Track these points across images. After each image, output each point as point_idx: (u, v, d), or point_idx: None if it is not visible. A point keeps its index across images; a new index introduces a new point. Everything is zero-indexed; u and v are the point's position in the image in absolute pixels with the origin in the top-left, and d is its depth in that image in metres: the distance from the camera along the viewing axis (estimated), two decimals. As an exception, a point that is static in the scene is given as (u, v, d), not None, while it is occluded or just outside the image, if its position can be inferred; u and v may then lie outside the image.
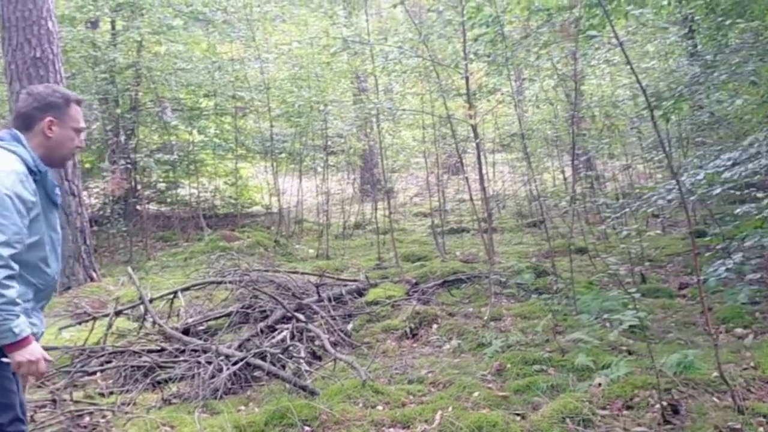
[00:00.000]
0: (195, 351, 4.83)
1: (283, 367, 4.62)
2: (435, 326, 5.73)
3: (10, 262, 2.43)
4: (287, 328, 5.10)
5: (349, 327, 5.69)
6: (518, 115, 7.75)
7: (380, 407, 3.98)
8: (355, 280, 7.23)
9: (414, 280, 7.19)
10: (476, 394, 4.05)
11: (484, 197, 7.02)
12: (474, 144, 7.48)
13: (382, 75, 9.42)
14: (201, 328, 5.63)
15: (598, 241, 8.77)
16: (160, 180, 12.67)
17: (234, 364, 4.49)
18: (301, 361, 4.66)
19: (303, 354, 4.75)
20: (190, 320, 5.59)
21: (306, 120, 10.80)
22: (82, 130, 2.87)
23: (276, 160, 11.99)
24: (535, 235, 10.64)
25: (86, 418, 4.03)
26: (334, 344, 5.23)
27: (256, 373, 4.66)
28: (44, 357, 2.54)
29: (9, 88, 8.00)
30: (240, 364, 4.49)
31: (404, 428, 3.68)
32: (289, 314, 5.38)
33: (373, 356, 5.11)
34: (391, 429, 3.68)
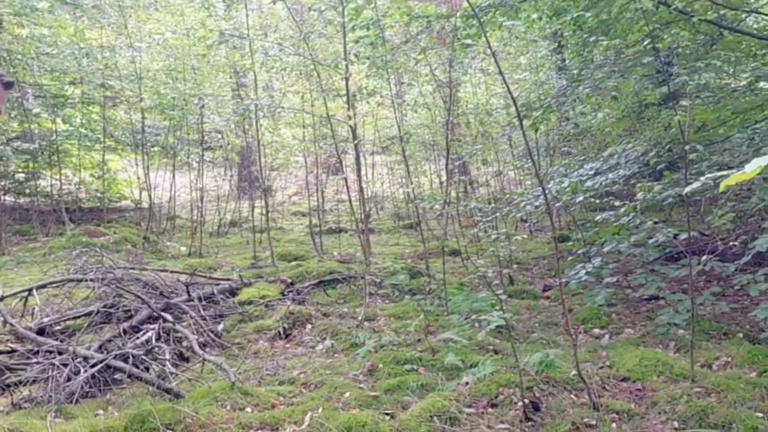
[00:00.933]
0: (50, 352, 4.51)
1: (147, 369, 4.41)
2: (309, 326, 5.69)
3: None
4: (153, 329, 4.88)
5: (220, 327, 5.53)
6: (397, 118, 7.85)
7: (249, 409, 3.88)
8: (228, 279, 7.05)
9: (289, 280, 7.11)
10: (347, 394, 4.04)
11: (361, 198, 7.05)
12: (353, 145, 7.51)
13: (261, 71, 9.26)
14: (58, 328, 5.28)
15: (470, 243, 9.05)
16: (19, 170, 11.82)
17: (92, 366, 4.23)
18: (166, 362, 4.47)
19: (168, 355, 4.56)
20: (45, 320, 5.22)
21: (181, 113, 10.43)
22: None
23: (148, 154, 11.49)
24: (411, 237, 10.84)
25: None
26: (203, 345, 5.06)
27: (118, 376, 4.42)
28: None
29: None
30: (99, 366, 4.23)
31: (273, 430, 3.61)
32: (155, 314, 5.15)
33: (243, 357, 4.99)
34: (259, 431, 3.59)
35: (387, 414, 3.76)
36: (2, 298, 5.45)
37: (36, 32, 10.62)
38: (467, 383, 4.14)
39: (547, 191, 7.03)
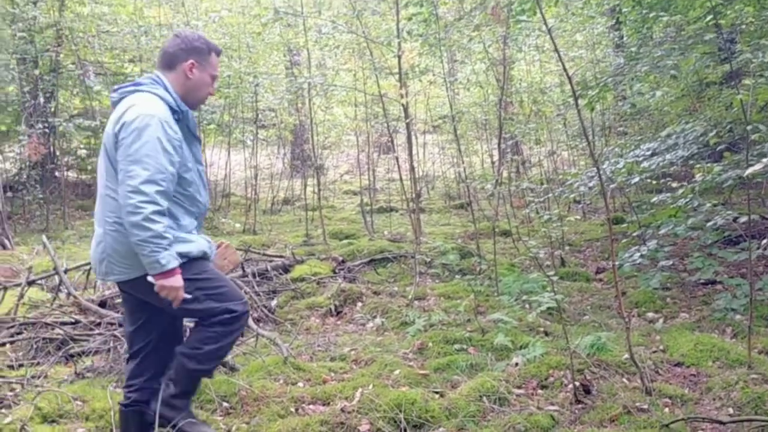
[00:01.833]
0: (111, 324, 4.69)
1: (204, 342, 4.54)
2: (360, 304, 5.76)
3: (156, 198, 2.65)
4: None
5: (273, 303, 5.64)
6: (449, 97, 7.80)
7: (301, 384, 3.98)
8: (281, 256, 7.17)
9: (341, 258, 7.19)
10: (397, 372, 4.09)
11: (412, 177, 7.06)
12: (405, 124, 7.50)
13: (314, 49, 9.30)
14: (119, 300, 5.46)
15: (521, 224, 8.98)
16: (81, 146, 12.19)
17: (152, 338, 4.37)
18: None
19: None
20: (107, 292, 5.41)
21: (236, 92, 10.57)
22: (216, 78, 3.10)
23: (204, 132, 11.71)
24: (461, 217, 10.81)
25: (-7, 392, 3.86)
26: (257, 320, 5.17)
27: (176, 348, 4.56)
28: (182, 288, 2.75)
29: None
30: (159, 338, 4.37)
31: (324, 405, 3.69)
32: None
33: (296, 333, 5.09)
34: (311, 406, 3.67)
35: (436, 392, 3.80)
36: (66, 271, 5.66)
37: (96, 10, 10.88)
38: (517, 364, 4.15)
39: (601, 172, 6.92)
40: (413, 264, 6.67)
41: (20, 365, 4.29)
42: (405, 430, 3.37)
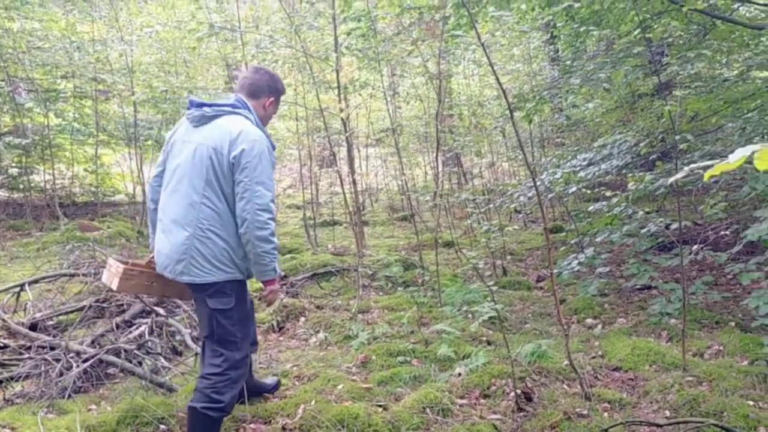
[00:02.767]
0: (42, 348, 4.50)
1: (140, 363, 4.41)
2: (302, 319, 5.69)
3: (275, 215, 3.11)
4: (146, 323, 4.87)
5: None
6: (390, 110, 7.83)
7: (241, 402, 3.89)
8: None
9: (283, 273, 7.10)
10: (340, 386, 4.05)
11: (354, 190, 7.04)
12: (348, 137, 7.49)
13: (253, 63, 9.21)
14: (50, 323, 5.25)
15: (464, 235, 9.06)
16: (12, 165, 11.76)
17: (85, 361, 4.22)
18: (159, 356, 4.47)
19: (160, 350, 4.56)
20: (38, 315, 5.20)
21: (173, 106, 10.38)
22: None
23: (141, 147, 11.44)
24: (405, 229, 10.85)
25: None
26: (196, 339, 5.04)
27: (110, 371, 4.41)
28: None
29: None
30: (91, 361, 4.23)
31: (265, 423, 3.62)
32: (148, 308, 5.14)
33: (237, 350, 4.98)
34: (252, 425, 3.60)
35: (380, 406, 3.77)
36: (-5, 294, 5.43)
37: (27, 26, 10.54)
38: (460, 374, 4.16)
39: (540, 182, 7.05)
40: (357, 277, 6.65)
41: (-56, 394, 4.08)
42: (348, 445, 3.33)
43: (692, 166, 1.44)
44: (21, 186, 11.82)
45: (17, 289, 5.68)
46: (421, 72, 8.26)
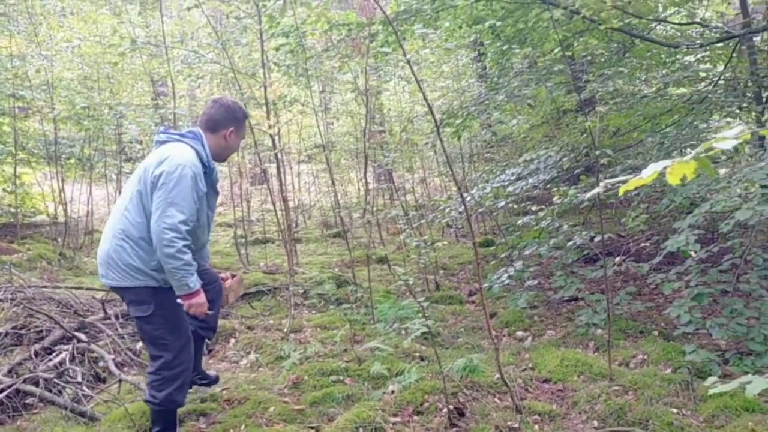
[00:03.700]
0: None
1: (60, 392, 4.22)
2: (233, 341, 5.56)
3: (186, 234, 3.23)
4: (66, 350, 4.66)
5: (139, 346, 5.33)
6: (321, 126, 7.80)
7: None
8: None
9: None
10: (271, 409, 3.96)
11: (285, 208, 6.96)
12: (280, 154, 7.40)
13: (179, 79, 9.03)
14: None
15: (397, 250, 9.08)
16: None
17: (1, 391, 4.01)
18: (81, 384, 4.28)
19: (81, 377, 4.37)
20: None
21: (96, 123, 10.04)
22: (243, 138, 3.84)
23: (63, 166, 11.02)
24: (339, 246, 10.79)
25: None
26: (121, 365, 4.86)
27: (29, 401, 4.19)
28: (206, 303, 3.43)
29: None
30: (8, 391, 4.02)
31: (193, 451, 3.51)
32: (69, 334, 4.92)
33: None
34: (180, 452, 3.48)
35: (312, 427, 3.71)
36: None
37: (-61, 41, 10.06)
38: (393, 392, 4.14)
39: (470, 197, 7.14)
40: (288, 296, 6.55)
41: None
42: (279, 469, 3.26)
43: (608, 181, 1.47)
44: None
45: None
46: (350, 88, 8.27)
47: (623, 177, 1.53)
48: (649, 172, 1.37)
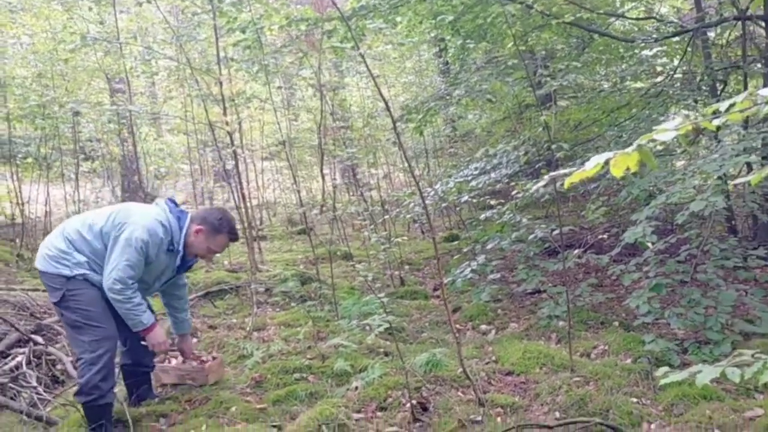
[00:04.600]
0: None
1: (16, 396, 4.12)
2: (194, 340, 5.48)
3: (129, 282, 3.57)
4: (22, 353, 4.56)
5: (99, 347, 5.23)
6: (281, 123, 7.73)
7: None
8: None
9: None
10: (233, 408, 3.92)
11: (245, 205, 6.89)
12: (240, 151, 7.33)
13: (134, 76, 8.86)
14: None
15: (362, 246, 9.06)
16: None
17: (-48, 399, 3.90)
18: (38, 388, 4.18)
19: (34, 382, 4.27)
20: None
21: (52, 122, 9.80)
22: (214, 252, 3.97)
23: (19, 166, 10.75)
24: (304, 242, 10.72)
25: None
26: (79, 367, 4.77)
27: (-17, 407, 4.09)
28: (164, 338, 3.82)
29: None
30: (-40, 398, 3.91)
31: (153, 453, 3.45)
32: (25, 337, 4.81)
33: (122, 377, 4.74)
34: (139, 455, 3.42)
35: (274, 426, 3.68)
36: None
37: None
38: (356, 388, 4.12)
39: (433, 192, 7.15)
40: (251, 294, 6.49)
41: None
42: (241, 470, 3.22)
43: (552, 174, 1.48)
44: None
45: None
46: (310, 84, 8.21)
47: (565, 170, 1.54)
48: (592, 165, 1.38)
